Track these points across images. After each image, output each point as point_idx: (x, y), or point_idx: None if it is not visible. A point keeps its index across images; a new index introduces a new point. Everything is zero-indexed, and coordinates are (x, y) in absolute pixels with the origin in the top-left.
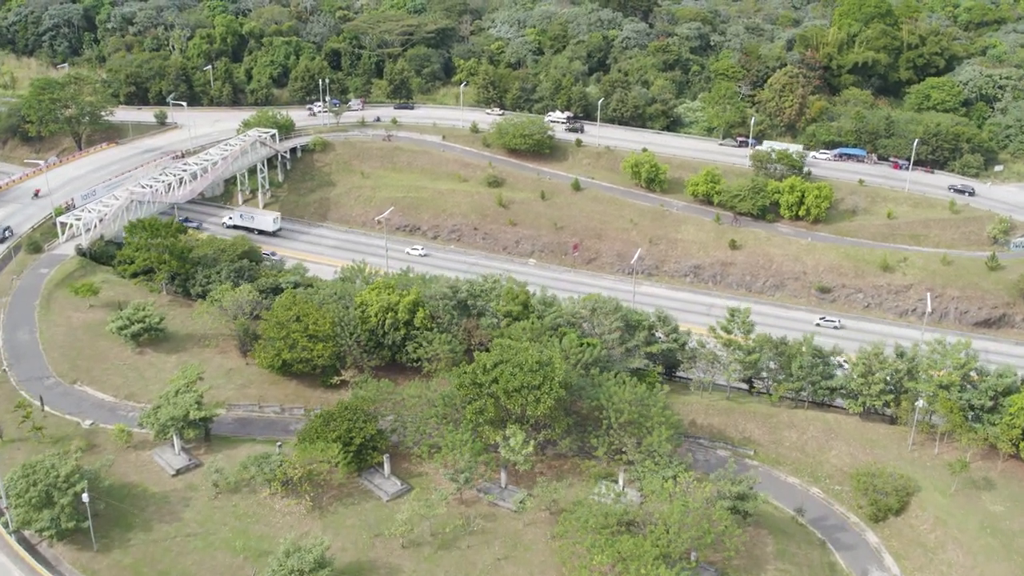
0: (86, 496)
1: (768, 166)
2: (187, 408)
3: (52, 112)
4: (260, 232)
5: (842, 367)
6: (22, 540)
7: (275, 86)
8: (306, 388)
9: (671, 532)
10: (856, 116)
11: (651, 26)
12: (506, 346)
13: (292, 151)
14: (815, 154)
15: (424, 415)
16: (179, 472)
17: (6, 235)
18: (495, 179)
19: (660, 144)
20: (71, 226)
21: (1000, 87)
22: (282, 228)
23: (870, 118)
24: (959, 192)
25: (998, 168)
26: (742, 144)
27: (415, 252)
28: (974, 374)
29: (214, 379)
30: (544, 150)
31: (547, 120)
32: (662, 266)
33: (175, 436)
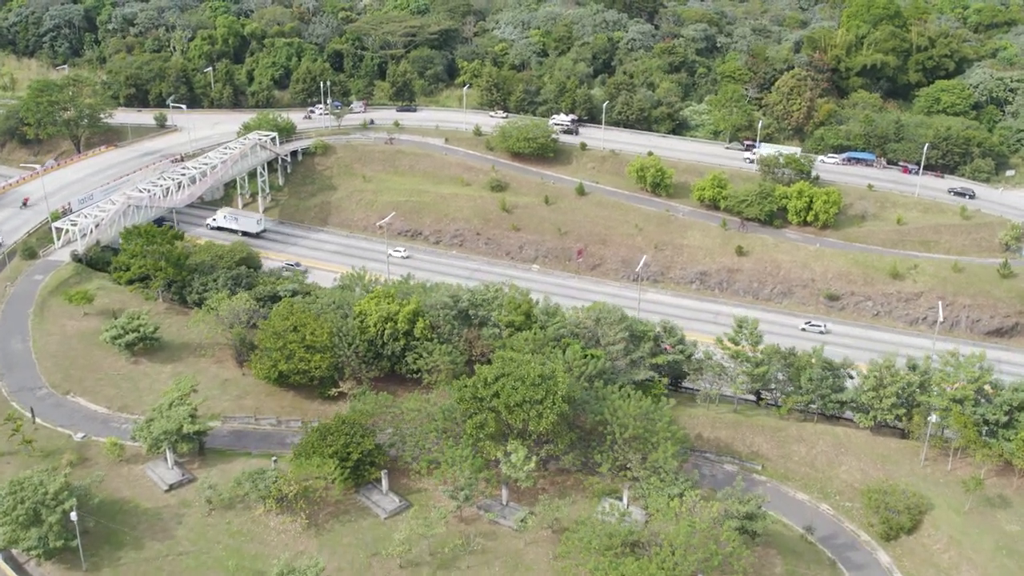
0: (74, 515)
1: (776, 171)
2: (180, 421)
3: (50, 114)
4: (244, 234)
5: (851, 378)
6: (9, 559)
7: (276, 88)
8: (303, 399)
9: (677, 554)
10: (865, 119)
11: (657, 27)
12: (508, 359)
13: (293, 154)
14: (823, 158)
15: (423, 429)
16: (172, 487)
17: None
18: (498, 183)
19: (666, 148)
20: (67, 231)
21: (1011, 90)
22: (266, 229)
23: (879, 121)
24: (959, 195)
25: (1009, 173)
26: (749, 148)
27: (397, 254)
28: (988, 387)
29: (209, 390)
30: (548, 154)
31: (551, 123)
32: (667, 272)
33: (168, 450)
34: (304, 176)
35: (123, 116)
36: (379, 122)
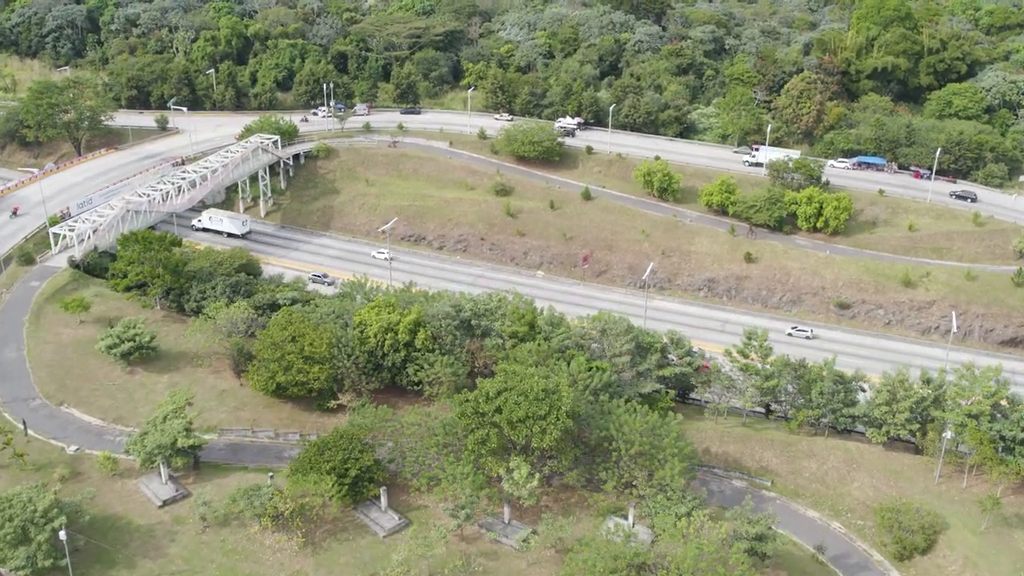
0: (63, 534)
1: (785, 176)
2: (175, 435)
3: (50, 117)
4: (229, 235)
5: (863, 391)
6: None
7: (280, 90)
8: (302, 412)
9: None
10: (876, 123)
11: (664, 29)
12: (510, 372)
13: (295, 157)
14: (833, 162)
15: (424, 444)
16: (166, 503)
17: None
18: (503, 187)
19: (673, 151)
20: (64, 237)
21: None
22: (252, 231)
23: (890, 125)
24: (961, 198)
25: (1023, 179)
26: (755, 151)
27: (380, 256)
28: (1005, 402)
29: (206, 401)
30: (554, 157)
31: (557, 126)
32: (675, 279)
33: (162, 465)
34: (306, 180)
35: (124, 118)
36: (382, 125)
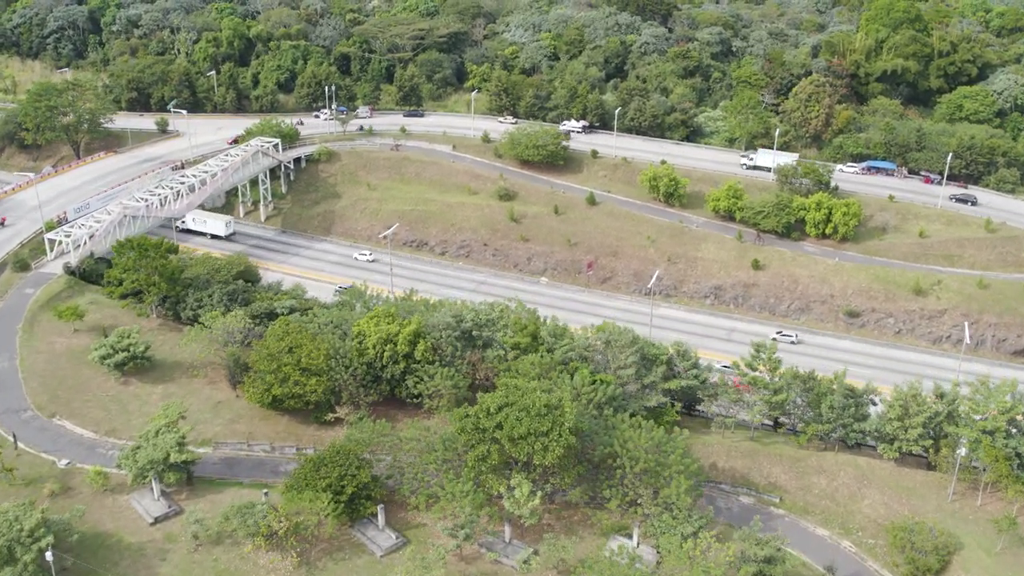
0: (49, 555)
1: (793, 181)
2: (167, 450)
3: (49, 120)
4: (213, 236)
5: (874, 404)
6: None
7: (282, 92)
8: (298, 424)
9: None
10: (885, 127)
11: (671, 31)
12: (512, 386)
13: (296, 161)
14: (842, 167)
15: (423, 460)
16: (157, 520)
17: None
18: (507, 192)
19: (679, 155)
20: (60, 243)
21: None
22: (236, 232)
23: (900, 129)
24: (960, 201)
25: None
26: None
27: (363, 258)
28: (1021, 418)
29: (201, 413)
30: (558, 161)
31: (561, 129)
32: (681, 287)
33: (154, 480)
34: (307, 183)
35: (124, 121)
36: (385, 128)
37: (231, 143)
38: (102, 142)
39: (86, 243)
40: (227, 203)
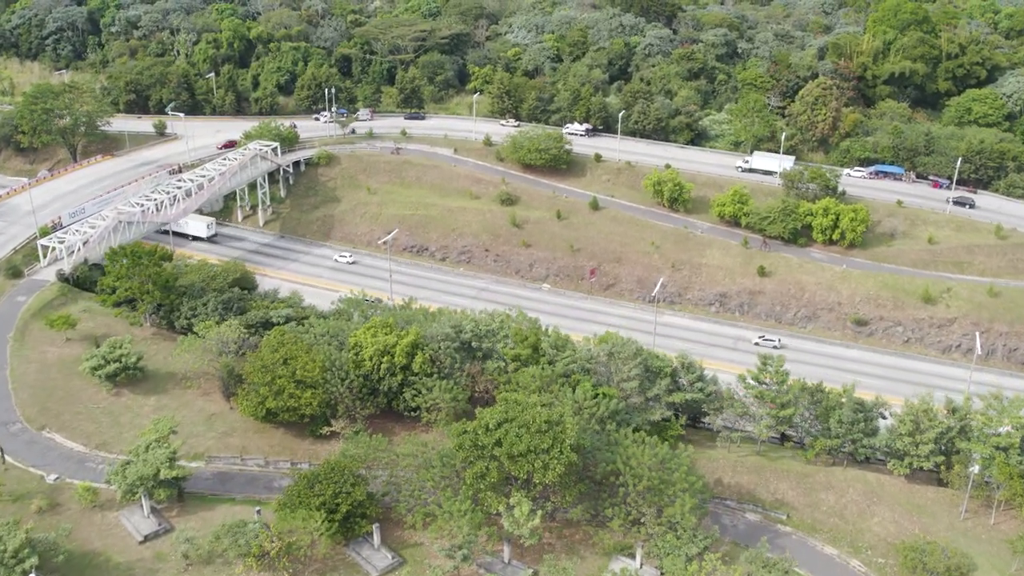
0: None
1: (800, 186)
2: (158, 466)
3: (45, 122)
4: (194, 238)
5: (884, 418)
6: None
7: (282, 94)
8: (293, 438)
9: None
10: (893, 131)
11: (675, 32)
12: (512, 401)
13: (295, 164)
14: (849, 171)
15: (420, 477)
16: (147, 538)
17: None
18: (508, 196)
19: (684, 159)
20: (53, 249)
21: None
22: (218, 234)
23: (908, 133)
24: (959, 204)
25: None
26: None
27: (343, 259)
28: None
29: (194, 426)
30: (561, 165)
31: (565, 132)
32: (685, 294)
33: (144, 497)
34: (307, 187)
35: (122, 123)
36: (386, 131)
37: (222, 148)
38: (99, 145)
39: (80, 249)
40: (225, 207)
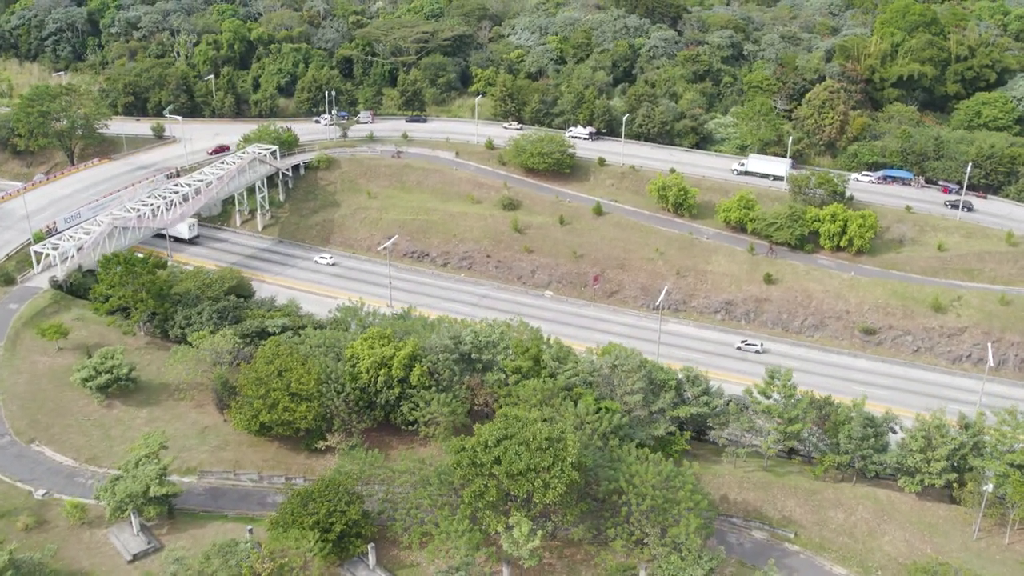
0: None
1: (807, 191)
2: (147, 482)
3: (42, 125)
4: (176, 239)
5: (894, 432)
6: None
7: (282, 96)
8: (288, 452)
9: None
10: (902, 135)
11: (680, 34)
12: (511, 417)
13: (295, 168)
14: (857, 176)
15: (417, 495)
16: (136, 557)
17: None
18: (511, 201)
19: (689, 163)
20: (47, 255)
21: None
22: (199, 235)
23: (917, 137)
24: (956, 207)
25: None
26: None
27: (323, 261)
28: None
29: (187, 439)
30: (564, 169)
31: (568, 136)
32: (690, 301)
33: (133, 515)
34: (306, 192)
35: (120, 126)
36: (387, 134)
37: (213, 153)
38: (97, 148)
39: (74, 256)
40: (224, 212)
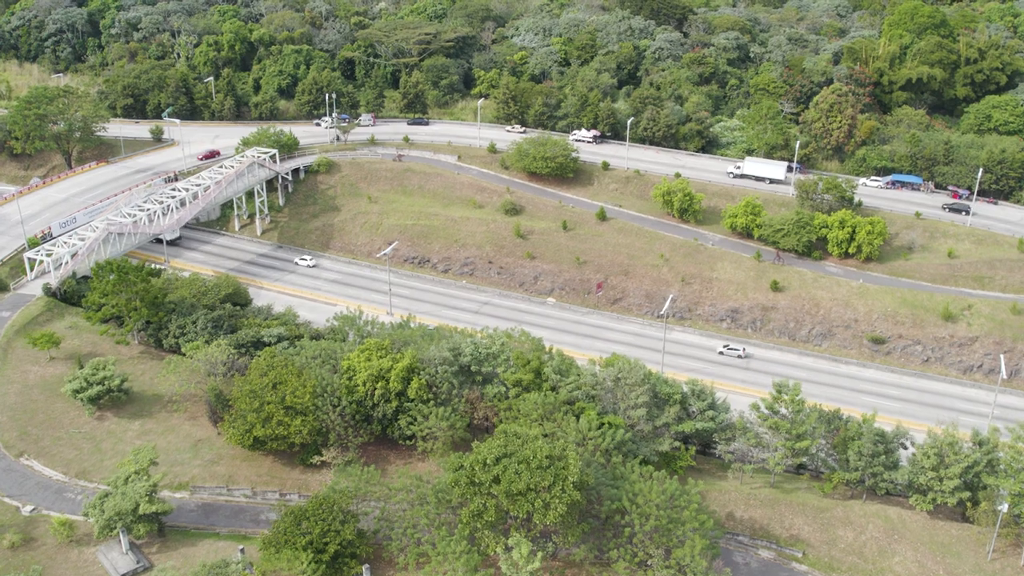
0: None
1: (814, 197)
2: (137, 500)
3: (38, 128)
4: (157, 240)
5: (905, 448)
6: None
7: (283, 98)
8: (283, 467)
9: None
10: (911, 139)
11: (686, 36)
12: (511, 434)
13: (295, 172)
14: (866, 181)
15: (413, 514)
16: None
17: None
18: (513, 206)
19: (694, 168)
20: (40, 262)
21: None
22: (181, 237)
23: (926, 142)
24: (954, 211)
25: None
26: (787, 170)
27: (303, 263)
28: None
29: (179, 453)
30: (567, 174)
31: (571, 139)
32: (695, 309)
33: (122, 533)
34: (306, 196)
35: (118, 128)
36: (388, 137)
37: (203, 159)
38: (95, 151)
39: (68, 263)
40: (222, 216)
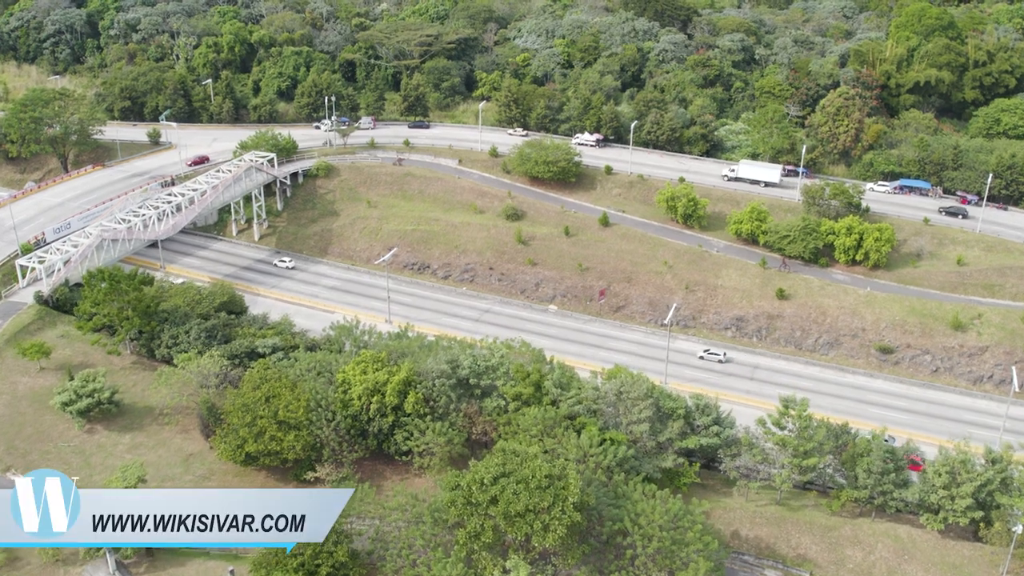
0: None
1: (821, 202)
2: None
3: (34, 131)
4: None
5: (913, 462)
6: None
7: (282, 100)
8: (276, 482)
9: None
10: (919, 143)
11: (690, 37)
12: (510, 452)
13: (293, 176)
14: (873, 186)
15: (409, 533)
16: None
17: None
18: (514, 211)
19: (699, 172)
20: (32, 269)
21: None
22: (168, 238)
23: (935, 146)
24: (951, 215)
25: None
26: (790, 174)
27: (283, 264)
28: None
29: (170, 467)
30: (570, 178)
31: (574, 143)
32: (699, 317)
33: (108, 552)
34: (305, 200)
35: (115, 131)
36: (388, 140)
37: (192, 164)
38: (91, 154)
39: (60, 270)
40: (220, 221)
